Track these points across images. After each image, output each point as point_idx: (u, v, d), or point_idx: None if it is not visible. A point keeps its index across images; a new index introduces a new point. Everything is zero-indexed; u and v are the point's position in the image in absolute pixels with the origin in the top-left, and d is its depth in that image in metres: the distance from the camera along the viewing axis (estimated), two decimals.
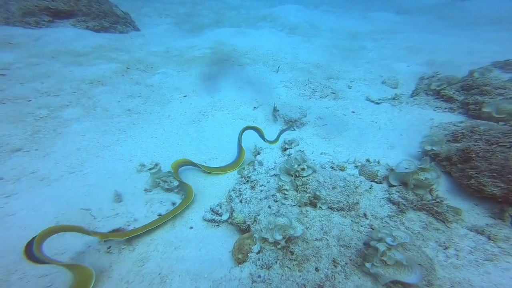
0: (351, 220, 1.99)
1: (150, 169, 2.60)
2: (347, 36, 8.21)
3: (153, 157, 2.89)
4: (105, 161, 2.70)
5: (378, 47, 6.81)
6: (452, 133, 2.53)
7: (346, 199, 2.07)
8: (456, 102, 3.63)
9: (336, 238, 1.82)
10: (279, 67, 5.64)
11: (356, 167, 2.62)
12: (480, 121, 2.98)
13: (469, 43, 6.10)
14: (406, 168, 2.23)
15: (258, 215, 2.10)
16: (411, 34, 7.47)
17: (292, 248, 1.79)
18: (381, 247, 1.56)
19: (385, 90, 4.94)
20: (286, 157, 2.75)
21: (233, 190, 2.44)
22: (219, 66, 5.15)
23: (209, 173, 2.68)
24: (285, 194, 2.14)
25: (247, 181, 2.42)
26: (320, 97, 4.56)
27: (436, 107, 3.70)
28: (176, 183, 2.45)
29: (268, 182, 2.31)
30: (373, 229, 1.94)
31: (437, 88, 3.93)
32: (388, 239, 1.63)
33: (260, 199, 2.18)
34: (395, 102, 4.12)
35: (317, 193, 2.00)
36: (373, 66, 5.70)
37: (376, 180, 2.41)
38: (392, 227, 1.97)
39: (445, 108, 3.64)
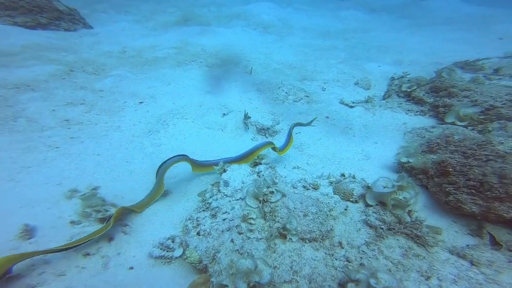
0: (325, 253, 1.71)
1: (83, 194, 2.11)
2: (319, 35, 8.09)
3: (92, 179, 2.37)
4: (21, 185, 2.13)
5: (350, 47, 6.76)
6: (427, 142, 2.37)
7: (319, 227, 1.79)
8: (427, 104, 3.56)
9: (307, 279, 1.52)
10: (251, 68, 5.29)
11: (331, 183, 2.36)
12: (453, 126, 2.90)
13: (431, 43, 6.26)
14: (385, 187, 2.01)
15: (218, 252, 1.73)
16: (379, 33, 7.55)
17: None
18: None
19: (358, 92, 4.83)
20: (255, 175, 2.41)
21: (190, 219, 2.05)
22: (183, 68, 4.65)
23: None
24: (251, 224, 1.80)
25: (207, 207, 2.03)
26: (294, 101, 4.30)
27: (408, 110, 3.62)
28: (113, 211, 1.99)
29: (233, 208, 1.95)
30: (349, 262, 1.68)
31: (408, 90, 3.86)
32: (371, 281, 1.36)
33: (222, 231, 1.81)
34: (368, 105, 3.98)
35: (288, 225, 1.68)
36: (345, 66, 5.59)
37: (351, 199, 2.17)
38: (370, 257, 1.72)
39: (417, 111, 3.56)
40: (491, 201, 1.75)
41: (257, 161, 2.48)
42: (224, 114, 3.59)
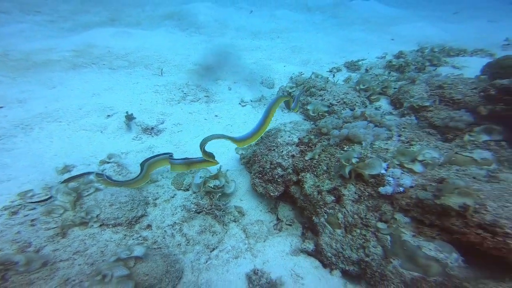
0: (124, 235, 1.98)
1: None
2: (250, 35, 8.44)
3: None
4: None
5: (271, 47, 7.18)
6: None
7: (125, 214, 2.05)
8: (299, 102, 4.02)
9: (87, 257, 1.77)
10: (162, 69, 5.42)
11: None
12: (296, 121, 3.36)
13: (338, 42, 6.91)
14: (201, 178, 2.35)
15: None
16: (301, 33, 8.10)
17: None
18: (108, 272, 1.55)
19: (261, 91, 5.21)
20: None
21: None
22: (79, 71, 4.62)
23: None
24: (52, 216, 1.97)
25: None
26: (191, 101, 4.53)
27: (284, 108, 4.05)
28: None
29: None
30: (146, 241, 1.97)
31: (289, 90, 4.31)
32: (125, 253, 1.65)
33: (12, 226, 1.93)
34: (256, 104, 4.37)
35: (81, 214, 1.92)
36: (257, 66, 5.96)
37: (182, 188, 2.48)
38: (167, 236, 2.02)
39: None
40: (267, 183, 2.15)
41: (107, 160, 2.68)
42: (109, 115, 3.70)
